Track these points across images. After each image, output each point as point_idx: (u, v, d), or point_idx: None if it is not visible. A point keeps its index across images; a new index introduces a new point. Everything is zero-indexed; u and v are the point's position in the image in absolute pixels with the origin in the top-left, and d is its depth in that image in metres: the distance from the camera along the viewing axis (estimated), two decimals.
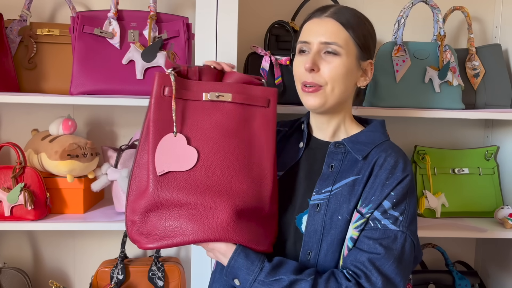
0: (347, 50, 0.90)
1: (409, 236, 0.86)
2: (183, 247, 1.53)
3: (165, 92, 0.86)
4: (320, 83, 0.90)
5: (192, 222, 0.84)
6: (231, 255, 0.85)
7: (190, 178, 0.85)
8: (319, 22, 0.92)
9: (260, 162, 0.90)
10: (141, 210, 0.85)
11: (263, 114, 0.92)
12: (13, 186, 1.17)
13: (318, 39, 0.90)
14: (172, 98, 0.85)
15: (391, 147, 0.93)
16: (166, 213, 0.85)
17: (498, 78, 1.42)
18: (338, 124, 0.98)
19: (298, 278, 0.82)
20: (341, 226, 0.88)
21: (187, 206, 0.84)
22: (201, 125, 0.88)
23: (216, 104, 0.89)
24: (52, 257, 1.51)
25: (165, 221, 0.84)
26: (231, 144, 0.88)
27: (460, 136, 1.59)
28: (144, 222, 0.86)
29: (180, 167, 0.85)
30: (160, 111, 0.85)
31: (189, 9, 1.46)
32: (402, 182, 0.88)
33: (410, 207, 0.88)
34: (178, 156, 0.85)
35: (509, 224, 1.31)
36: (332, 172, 0.93)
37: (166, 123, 0.86)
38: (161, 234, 0.84)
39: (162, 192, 0.84)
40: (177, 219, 0.84)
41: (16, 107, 1.45)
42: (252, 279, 0.83)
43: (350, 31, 0.90)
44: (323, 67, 0.90)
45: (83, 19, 1.20)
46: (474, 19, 1.56)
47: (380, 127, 0.98)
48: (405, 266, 0.84)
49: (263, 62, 1.25)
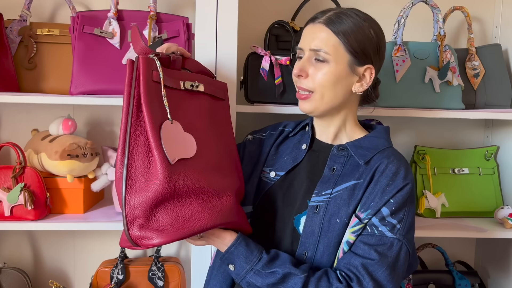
0: (336, 57, 0.89)
1: (405, 245, 0.86)
2: (183, 247, 1.53)
3: (153, 77, 0.80)
4: (310, 89, 0.92)
5: (204, 208, 0.81)
6: (233, 242, 0.86)
7: (194, 164, 0.83)
8: (312, 28, 0.93)
9: (230, 152, 0.94)
10: (147, 203, 0.76)
11: (224, 107, 0.96)
12: (13, 186, 1.17)
13: (308, 46, 0.92)
14: (161, 84, 0.81)
15: (393, 154, 0.93)
16: (178, 202, 0.79)
17: (498, 78, 1.42)
18: (339, 128, 0.98)
19: (292, 272, 0.83)
20: (339, 229, 0.88)
21: (198, 192, 0.81)
22: (186, 113, 0.86)
23: (191, 93, 0.88)
24: (52, 257, 1.51)
25: (177, 211, 0.78)
26: (213, 131, 0.90)
27: (460, 136, 1.59)
28: (151, 216, 0.77)
29: (186, 154, 0.82)
30: (151, 96, 0.79)
31: (189, 9, 1.46)
32: (402, 190, 0.88)
33: (409, 215, 0.89)
34: (180, 143, 0.81)
35: (509, 224, 1.31)
36: (333, 175, 0.93)
37: (156, 110, 0.80)
38: (175, 225, 0.78)
39: (176, 181, 0.78)
40: (189, 206, 0.80)
41: (16, 107, 1.45)
42: (249, 268, 0.84)
43: (340, 37, 0.89)
44: (312, 73, 0.91)
45: (83, 19, 1.20)
46: (474, 19, 1.56)
47: (384, 133, 0.98)
48: (398, 274, 0.85)
49: (263, 62, 1.25)
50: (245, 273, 0.85)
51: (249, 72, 1.26)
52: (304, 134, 1.03)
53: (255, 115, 1.39)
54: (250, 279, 0.85)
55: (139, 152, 0.78)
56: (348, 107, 0.97)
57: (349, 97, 0.95)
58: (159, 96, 0.81)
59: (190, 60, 0.93)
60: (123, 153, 0.78)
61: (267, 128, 1.10)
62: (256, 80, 1.25)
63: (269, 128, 1.09)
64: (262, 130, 1.10)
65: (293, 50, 1.27)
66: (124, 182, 0.77)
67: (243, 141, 1.10)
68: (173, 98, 0.84)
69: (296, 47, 0.96)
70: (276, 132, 1.06)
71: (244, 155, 1.06)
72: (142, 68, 0.79)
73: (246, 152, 1.06)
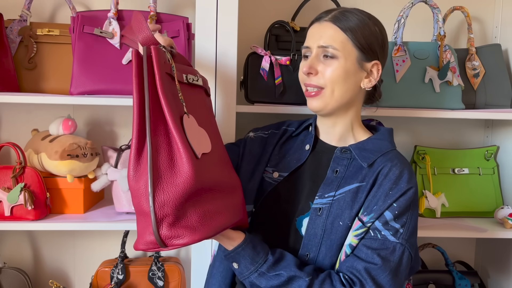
0: (345, 53, 0.91)
1: (407, 249, 0.86)
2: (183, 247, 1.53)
3: (166, 70, 0.76)
4: (320, 85, 0.92)
5: (225, 204, 0.80)
6: (240, 243, 0.85)
7: (211, 159, 0.80)
8: (318, 26, 0.94)
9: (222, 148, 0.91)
10: (177, 200, 0.72)
11: (209, 102, 0.96)
12: (13, 186, 1.17)
13: (316, 43, 0.93)
14: (175, 77, 0.78)
15: (397, 157, 0.93)
16: (203, 198, 0.76)
17: (498, 78, 1.42)
18: (345, 128, 0.98)
19: (296, 275, 0.83)
20: (342, 232, 0.88)
21: (219, 187, 0.80)
22: (194, 106, 0.83)
23: (192, 87, 0.87)
24: (52, 257, 1.51)
25: (203, 207, 0.75)
26: (213, 125, 0.90)
27: (460, 136, 1.59)
28: (182, 214, 0.73)
29: (207, 148, 0.80)
30: (166, 88, 0.74)
31: (189, 9, 1.46)
32: (406, 194, 0.87)
33: (412, 219, 0.88)
34: (200, 137, 0.79)
35: (509, 224, 1.31)
36: (337, 177, 0.93)
37: (172, 103, 0.75)
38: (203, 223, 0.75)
39: (203, 175, 0.74)
40: (213, 202, 0.77)
41: (16, 107, 1.45)
42: (254, 269, 0.84)
43: (348, 33, 0.91)
44: (321, 70, 0.92)
45: (83, 19, 1.20)
46: (474, 19, 1.56)
47: (388, 136, 0.98)
48: (399, 278, 0.85)
49: (263, 62, 1.25)
50: (249, 273, 0.85)
51: (249, 72, 1.26)
52: (308, 134, 1.02)
53: (255, 115, 1.40)
54: (254, 280, 0.84)
55: (162, 147, 0.73)
56: (355, 106, 0.97)
57: (357, 94, 0.96)
58: (173, 89, 0.77)
59: (179, 55, 0.90)
60: (139, 149, 0.73)
61: (270, 127, 1.09)
62: (256, 80, 1.25)
63: (272, 126, 1.09)
64: (264, 128, 1.09)
65: (293, 50, 1.27)
66: (150, 179, 0.71)
67: (244, 138, 1.09)
68: (182, 92, 0.80)
69: (302, 47, 0.97)
70: (279, 132, 1.06)
71: (244, 153, 1.05)
72: (156, 59, 0.73)
73: (247, 150, 1.05)
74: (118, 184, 1.23)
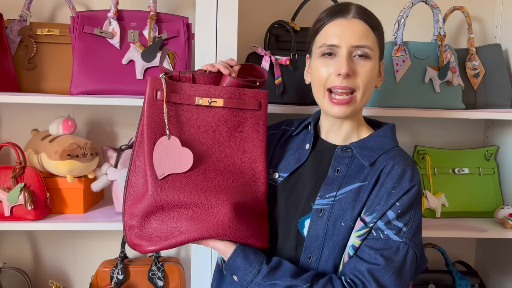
0: (375, 53, 0.89)
1: (411, 248, 0.84)
2: (183, 247, 1.53)
3: (158, 96, 0.87)
4: (355, 87, 0.88)
5: (194, 221, 0.85)
6: (231, 255, 0.86)
7: (189, 179, 0.87)
8: (347, 23, 0.88)
9: (251, 163, 0.93)
10: (140, 214, 0.86)
11: (255, 117, 0.94)
12: (13, 186, 1.17)
13: (349, 42, 0.86)
14: (164, 102, 0.86)
15: (399, 154, 0.90)
16: (167, 215, 0.86)
17: (498, 78, 1.42)
18: (352, 127, 0.95)
19: (292, 284, 0.81)
20: (344, 233, 0.86)
21: (188, 206, 0.86)
22: (194, 129, 0.90)
23: (208, 108, 0.90)
24: (52, 257, 1.51)
25: (166, 223, 0.86)
26: (222, 148, 0.91)
27: (460, 136, 1.59)
28: (144, 226, 0.86)
29: (178, 169, 0.87)
30: (153, 115, 0.87)
31: (189, 9, 1.46)
32: (409, 193, 0.85)
33: (415, 218, 0.86)
34: (175, 158, 0.87)
35: (509, 224, 1.31)
36: (338, 176, 0.91)
37: (160, 127, 0.87)
38: (163, 236, 0.85)
39: (162, 195, 0.85)
40: (178, 220, 0.86)
41: (16, 107, 1.45)
42: (249, 280, 0.84)
43: (376, 33, 0.89)
44: (358, 71, 0.88)
45: (83, 19, 1.20)
46: (474, 19, 1.56)
47: (390, 132, 0.96)
48: (404, 278, 0.83)
49: (263, 62, 1.25)
50: (246, 285, 0.84)
51: None
52: (307, 133, 1.00)
53: None
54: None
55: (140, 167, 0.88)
56: None
57: None
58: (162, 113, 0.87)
59: (225, 77, 0.91)
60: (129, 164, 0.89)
61: (269, 128, 1.07)
62: None
63: (271, 127, 1.07)
64: None
65: (293, 50, 1.27)
66: (124, 194, 0.88)
67: None
68: (183, 113, 0.89)
69: (325, 44, 0.88)
70: (278, 132, 1.04)
71: None
72: (148, 89, 0.87)
73: None
74: (118, 184, 1.23)
